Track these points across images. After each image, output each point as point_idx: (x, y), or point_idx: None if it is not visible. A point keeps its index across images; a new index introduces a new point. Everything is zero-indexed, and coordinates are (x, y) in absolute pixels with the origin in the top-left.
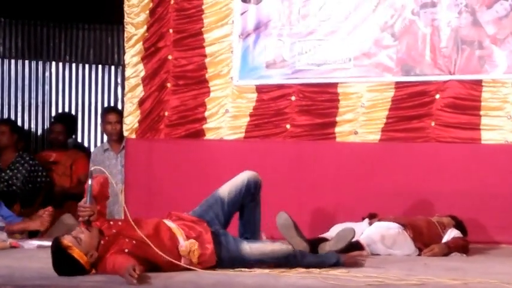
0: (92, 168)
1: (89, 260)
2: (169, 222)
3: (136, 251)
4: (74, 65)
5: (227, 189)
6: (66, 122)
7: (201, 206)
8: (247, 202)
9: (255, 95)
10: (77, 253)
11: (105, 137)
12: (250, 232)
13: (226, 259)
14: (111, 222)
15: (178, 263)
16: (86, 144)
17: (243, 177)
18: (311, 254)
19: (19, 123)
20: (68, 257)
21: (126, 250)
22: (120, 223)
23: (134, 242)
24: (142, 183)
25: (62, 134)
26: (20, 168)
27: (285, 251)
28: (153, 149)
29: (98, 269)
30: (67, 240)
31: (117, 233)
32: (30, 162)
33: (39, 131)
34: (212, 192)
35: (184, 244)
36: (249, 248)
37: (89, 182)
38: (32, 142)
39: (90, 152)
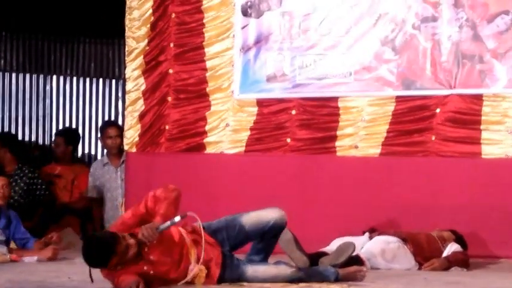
0: (189, 213)
1: (113, 267)
2: (185, 235)
3: (148, 278)
4: (74, 78)
5: (250, 220)
6: (67, 135)
7: (219, 223)
8: (268, 238)
9: (255, 109)
10: (115, 259)
11: (105, 151)
12: (260, 258)
13: (228, 280)
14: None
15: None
16: (86, 157)
17: (269, 216)
18: (312, 273)
19: (20, 136)
20: (108, 253)
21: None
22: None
23: (152, 272)
24: (142, 197)
25: (60, 146)
26: (19, 181)
27: (289, 275)
28: (154, 163)
29: (106, 275)
30: (119, 247)
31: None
32: (30, 175)
33: (40, 145)
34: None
35: (193, 269)
36: (253, 271)
37: (177, 219)
38: (32, 155)
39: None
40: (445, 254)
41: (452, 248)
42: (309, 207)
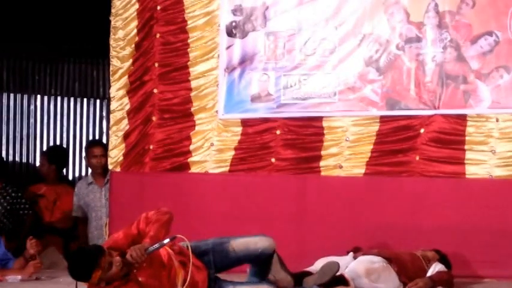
0: (178, 236)
1: (97, 282)
2: (173, 257)
3: None
4: (59, 98)
5: (238, 247)
6: (50, 154)
7: (206, 245)
8: (257, 264)
9: (240, 129)
10: (98, 273)
11: (90, 170)
12: (257, 280)
13: None
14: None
15: None
16: (71, 176)
17: (258, 245)
18: None
19: (4, 156)
20: (90, 264)
21: None
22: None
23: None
24: (127, 217)
25: (44, 166)
26: (2, 200)
27: None
28: (138, 182)
29: None
30: (103, 260)
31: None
32: (13, 194)
33: (24, 164)
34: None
35: None
36: None
37: (166, 241)
38: (17, 175)
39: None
40: (429, 273)
41: (436, 267)
42: (293, 227)
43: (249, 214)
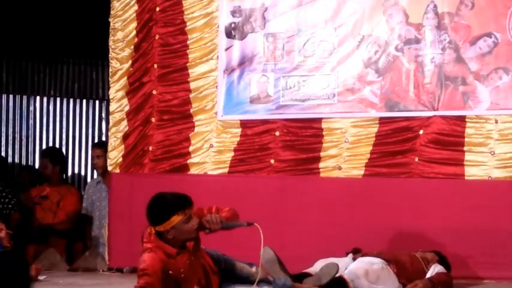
0: (256, 224)
1: (167, 232)
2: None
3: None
4: (58, 99)
5: (241, 270)
6: (52, 155)
7: (218, 256)
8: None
9: (239, 130)
10: (178, 218)
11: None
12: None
13: None
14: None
15: None
16: (70, 178)
17: (254, 275)
18: None
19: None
20: (177, 205)
21: (170, 272)
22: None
23: (183, 276)
24: (126, 218)
25: (47, 168)
26: None
27: None
28: (137, 183)
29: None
30: (188, 209)
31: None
32: None
33: (24, 165)
34: None
35: None
36: None
37: (244, 224)
38: (16, 176)
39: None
40: (428, 275)
41: (435, 269)
42: (293, 229)
43: (248, 215)
